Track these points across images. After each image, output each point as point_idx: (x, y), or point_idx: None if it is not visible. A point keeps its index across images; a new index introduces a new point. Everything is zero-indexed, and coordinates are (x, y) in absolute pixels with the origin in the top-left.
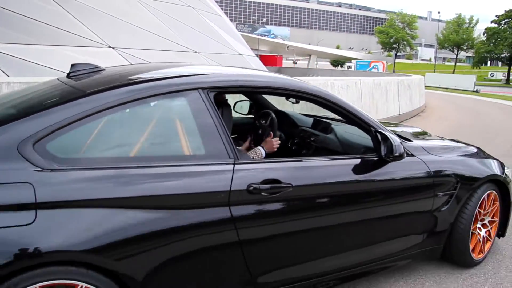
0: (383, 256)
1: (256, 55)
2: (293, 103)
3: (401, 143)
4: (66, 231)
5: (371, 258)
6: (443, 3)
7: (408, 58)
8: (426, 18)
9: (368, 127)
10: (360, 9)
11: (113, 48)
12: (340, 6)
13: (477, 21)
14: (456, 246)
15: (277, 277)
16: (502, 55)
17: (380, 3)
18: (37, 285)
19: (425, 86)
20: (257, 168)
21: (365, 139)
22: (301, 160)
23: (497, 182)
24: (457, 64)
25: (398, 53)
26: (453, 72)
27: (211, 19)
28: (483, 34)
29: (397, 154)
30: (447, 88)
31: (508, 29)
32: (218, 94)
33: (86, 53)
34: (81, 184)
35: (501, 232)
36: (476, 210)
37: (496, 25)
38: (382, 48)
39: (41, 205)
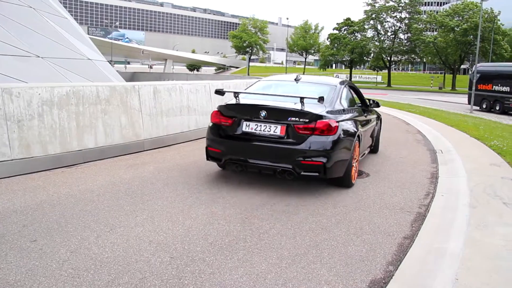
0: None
1: (110, 61)
2: None
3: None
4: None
5: (365, 151)
6: (292, 10)
7: (261, 62)
8: (276, 24)
9: (363, 98)
10: (214, 14)
11: None
12: (195, 11)
13: (322, 28)
14: (377, 144)
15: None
16: (344, 59)
17: (233, 8)
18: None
19: None
20: (364, 113)
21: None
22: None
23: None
24: (306, 67)
25: (252, 57)
26: (303, 74)
27: (56, 22)
28: (327, 39)
29: (379, 106)
30: None
31: (347, 35)
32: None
33: None
34: (342, 117)
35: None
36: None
37: (337, 32)
38: (236, 52)
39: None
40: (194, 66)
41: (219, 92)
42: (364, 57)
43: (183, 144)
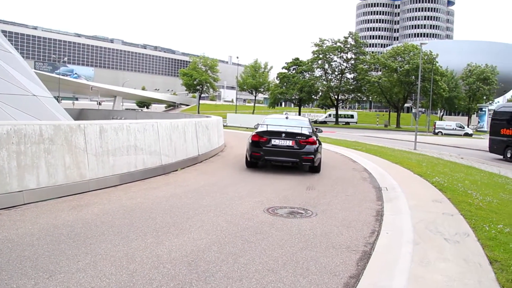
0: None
1: (57, 97)
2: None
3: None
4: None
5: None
6: (242, 49)
7: (212, 99)
8: (227, 62)
9: (311, 128)
10: (165, 52)
11: None
12: (145, 48)
13: (271, 67)
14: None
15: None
16: (293, 97)
17: (184, 46)
18: None
19: (227, 126)
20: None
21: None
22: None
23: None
24: (256, 105)
25: (203, 95)
26: (253, 113)
27: None
28: (276, 78)
29: (321, 132)
30: (247, 128)
31: (296, 74)
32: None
33: None
34: (315, 137)
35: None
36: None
37: (286, 71)
38: (186, 90)
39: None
40: (144, 103)
41: (257, 125)
42: (313, 96)
43: (130, 184)
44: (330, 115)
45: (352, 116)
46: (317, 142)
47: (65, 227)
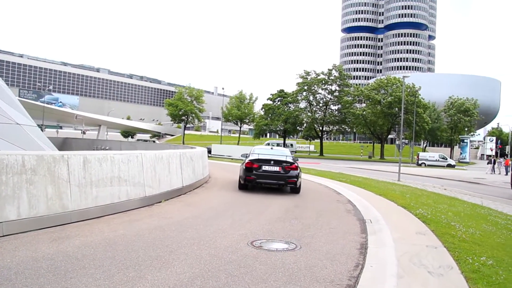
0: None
1: (40, 126)
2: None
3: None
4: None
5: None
6: (227, 80)
7: (197, 130)
8: (212, 93)
9: (292, 156)
10: (151, 81)
11: None
12: (131, 78)
13: (256, 98)
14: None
15: None
16: (278, 129)
17: (169, 76)
18: None
19: (212, 156)
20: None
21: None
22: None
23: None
24: (241, 136)
25: (188, 125)
26: (238, 143)
27: None
28: (261, 110)
29: (298, 161)
30: (232, 158)
31: (281, 106)
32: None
33: None
34: (297, 163)
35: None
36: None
37: (271, 102)
38: (171, 120)
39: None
40: (128, 132)
41: (244, 155)
42: (297, 127)
43: (113, 215)
44: (268, 144)
45: (291, 145)
46: (298, 168)
47: (45, 260)
